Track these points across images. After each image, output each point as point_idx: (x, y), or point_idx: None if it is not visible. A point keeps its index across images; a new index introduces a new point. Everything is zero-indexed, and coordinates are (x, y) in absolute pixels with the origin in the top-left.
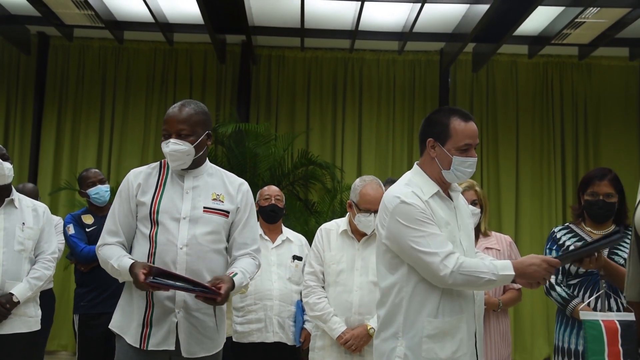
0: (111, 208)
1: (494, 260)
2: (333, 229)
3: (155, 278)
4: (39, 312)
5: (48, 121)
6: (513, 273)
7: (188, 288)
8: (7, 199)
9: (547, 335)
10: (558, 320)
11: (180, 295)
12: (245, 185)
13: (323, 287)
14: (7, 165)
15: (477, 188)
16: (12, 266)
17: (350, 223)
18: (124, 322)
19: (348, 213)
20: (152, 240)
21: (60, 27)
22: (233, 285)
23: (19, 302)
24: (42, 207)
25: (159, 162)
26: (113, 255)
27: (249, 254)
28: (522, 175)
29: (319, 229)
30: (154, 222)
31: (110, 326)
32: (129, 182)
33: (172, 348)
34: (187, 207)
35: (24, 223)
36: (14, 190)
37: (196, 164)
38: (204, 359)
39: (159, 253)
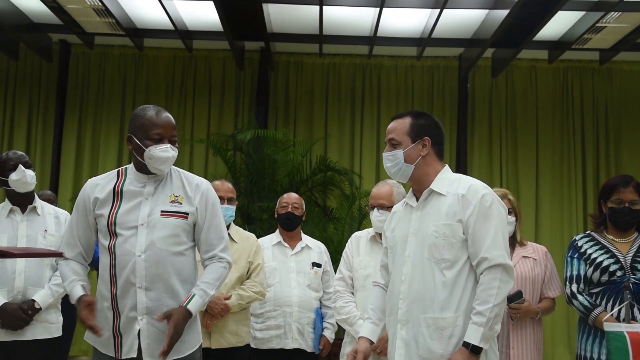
0: (70, 220)
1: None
2: (363, 235)
3: None
4: (61, 318)
5: (69, 128)
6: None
7: None
8: (29, 206)
9: (567, 343)
10: (580, 329)
11: (142, 302)
12: (204, 185)
13: (352, 292)
14: (30, 173)
15: (510, 197)
16: (34, 273)
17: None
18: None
19: None
20: (111, 252)
21: (82, 35)
22: (188, 314)
23: (40, 308)
24: (63, 214)
25: (116, 170)
26: (67, 277)
27: (215, 257)
28: (541, 182)
29: (351, 236)
30: (112, 234)
31: (85, 338)
32: (86, 194)
33: (134, 355)
34: (144, 214)
35: (46, 230)
36: (36, 197)
37: None
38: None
39: (118, 264)
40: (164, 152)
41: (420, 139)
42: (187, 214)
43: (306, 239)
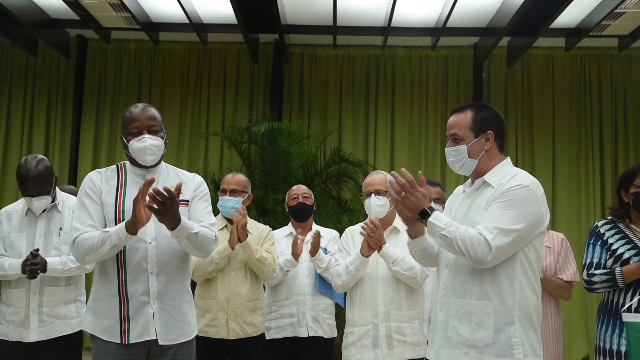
0: (79, 207)
1: None
2: (356, 228)
3: None
4: (82, 311)
5: (87, 122)
6: None
7: None
8: (51, 204)
9: (585, 334)
10: (599, 320)
11: (154, 287)
12: (199, 177)
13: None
14: (44, 201)
15: None
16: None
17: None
18: (97, 322)
19: None
20: None
21: (98, 30)
22: (179, 216)
23: (46, 262)
24: None
25: (115, 165)
26: (94, 234)
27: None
28: (558, 171)
29: (345, 231)
30: (120, 221)
31: (83, 328)
32: (94, 182)
33: (153, 337)
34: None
35: (61, 228)
36: (58, 193)
37: (158, 161)
38: (182, 345)
39: (128, 251)
40: (141, 143)
41: (483, 133)
42: (188, 201)
43: (317, 228)
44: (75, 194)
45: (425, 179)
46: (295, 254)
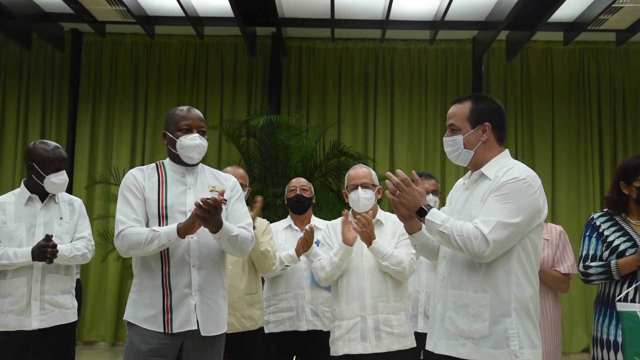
0: (122, 202)
1: None
2: (337, 222)
3: None
4: (76, 303)
5: (83, 116)
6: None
7: None
8: (49, 195)
9: (585, 325)
10: (596, 312)
11: (196, 280)
12: (233, 177)
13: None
14: (66, 178)
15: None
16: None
17: (354, 212)
18: (139, 312)
19: None
20: None
21: (93, 24)
22: (221, 220)
23: (56, 246)
24: (77, 201)
25: (154, 163)
26: (141, 231)
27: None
28: (558, 165)
29: (325, 226)
30: (163, 217)
31: (125, 318)
32: (137, 179)
33: (195, 327)
34: (190, 201)
35: (61, 217)
36: None
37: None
38: (217, 337)
39: (172, 246)
40: (192, 140)
41: (480, 124)
42: (226, 200)
43: (315, 221)
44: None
45: (421, 172)
46: (299, 252)
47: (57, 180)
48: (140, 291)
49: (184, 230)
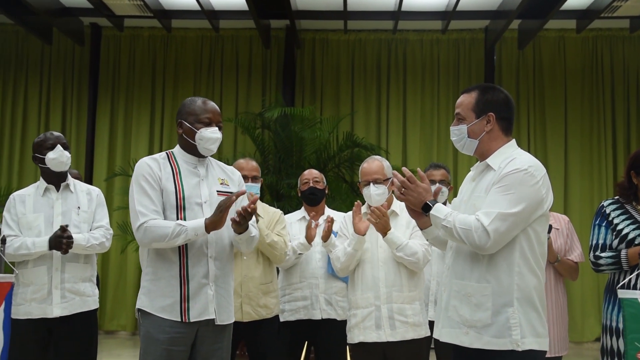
0: (140, 192)
1: None
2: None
3: None
4: (96, 291)
5: (102, 109)
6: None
7: None
8: (62, 184)
9: (598, 315)
10: (605, 299)
11: (212, 270)
12: (238, 173)
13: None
14: (67, 154)
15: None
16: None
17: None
18: (155, 301)
19: None
20: None
21: (111, 18)
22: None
23: (71, 236)
24: (95, 190)
25: (164, 152)
26: (167, 225)
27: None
28: (570, 153)
29: (342, 217)
30: (181, 208)
31: (139, 306)
32: (152, 169)
33: (213, 316)
34: (205, 192)
35: (79, 207)
36: (69, 175)
37: None
38: (227, 326)
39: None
40: (213, 134)
41: (484, 114)
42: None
43: (328, 212)
44: (78, 178)
45: (431, 163)
46: (309, 237)
47: (54, 155)
48: (154, 280)
49: (212, 227)
